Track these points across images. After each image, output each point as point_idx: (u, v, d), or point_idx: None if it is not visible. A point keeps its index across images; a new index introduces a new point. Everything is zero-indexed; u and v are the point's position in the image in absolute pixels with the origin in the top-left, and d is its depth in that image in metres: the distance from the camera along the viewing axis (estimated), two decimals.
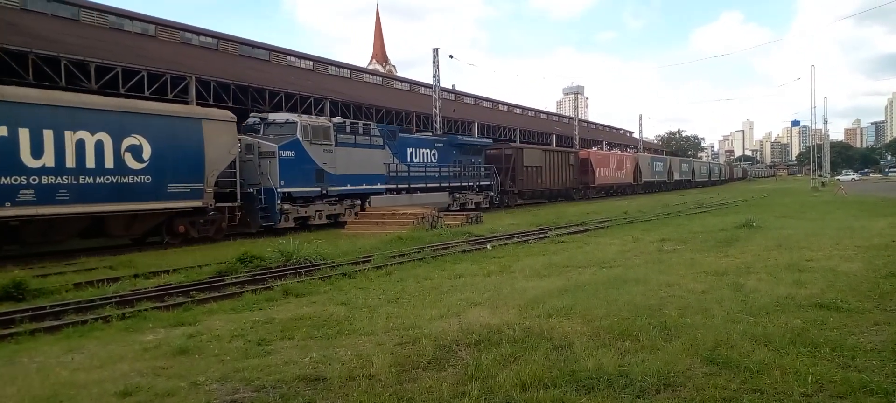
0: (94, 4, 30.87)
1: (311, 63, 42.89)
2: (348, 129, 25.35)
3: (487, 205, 35.55)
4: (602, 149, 65.70)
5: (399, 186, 28.21)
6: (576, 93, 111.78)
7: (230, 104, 27.43)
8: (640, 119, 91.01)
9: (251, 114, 24.00)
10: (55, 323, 8.86)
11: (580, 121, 68.27)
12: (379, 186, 26.86)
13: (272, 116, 23.54)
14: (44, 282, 11.83)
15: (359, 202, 25.72)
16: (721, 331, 6.79)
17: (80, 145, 16.72)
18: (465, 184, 33.67)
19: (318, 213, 23.99)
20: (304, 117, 23.82)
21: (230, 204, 20.57)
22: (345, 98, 36.31)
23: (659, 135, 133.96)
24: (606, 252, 14.78)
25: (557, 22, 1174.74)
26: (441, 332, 7.12)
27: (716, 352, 6.06)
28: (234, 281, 12.06)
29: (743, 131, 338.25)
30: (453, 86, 62.59)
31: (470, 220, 24.48)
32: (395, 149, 27.93)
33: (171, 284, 11.79)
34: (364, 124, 26.81)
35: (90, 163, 16.90)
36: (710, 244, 15.57)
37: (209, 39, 35.81)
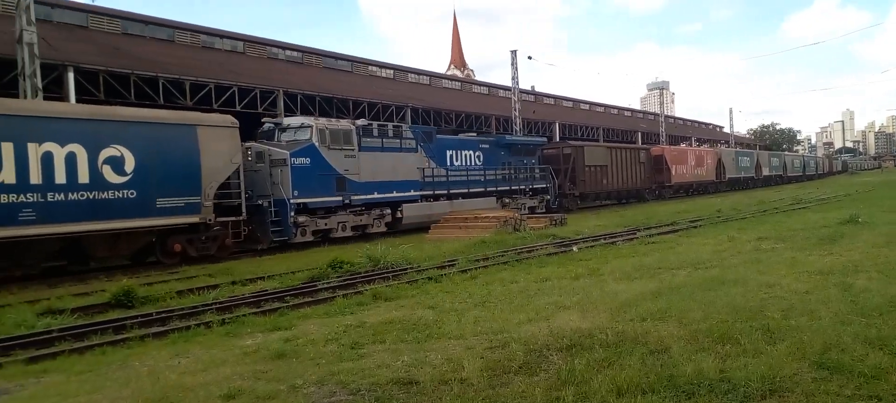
0: (187, 25, 32.54)
1: (392, 72, 43.61)
2: (375, 132, 23.45)
3: (543, 210, 32.30)
4: (691, 145, 63.55)
5: (436, 192, 25.72)
6: (661, 88, 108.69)
7: (316, 116, 28.17)
8: (731, 113, 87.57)
9: (264, 120, 22.31)
10: (162, 328, 9.37)
11: (666, 117, 66.27)
12: (412, 193, 24.55)
13: (287, 120, 21.91)
14: (150, 290, 12.49)
15: (389, 212, 23.72)
16: (830, 334, 6.40)
17: (47, 158, 14.99)
18: (516, 187, 30.64)
19: (341, 225, 21.99)
20: (322, 120, 22.23)
21: (234, 218, 18.61)
22: (425, 104, 36.71)
23: (751, 129, 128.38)
24: (700, 252, 14.25)
25: (638, 16, 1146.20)
26: (530, 336, 7.05)
27: (825, 356, 5.72)
28: (325, 286, 12.37)
29: (842, 122, 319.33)
30: (532, 87, 62.14)
31: (554, 223, 24.21)
32: (431, 151, 25.67)
33: (266, 290, 12.24)
34: (394, 126, 24.75)
35: (60, 178, 15.16)
36: (812, 241, 14.74)
37: (295, 54, 37.02)
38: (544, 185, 33.03)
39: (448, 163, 26.71)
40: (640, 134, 61.16)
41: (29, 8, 18.58)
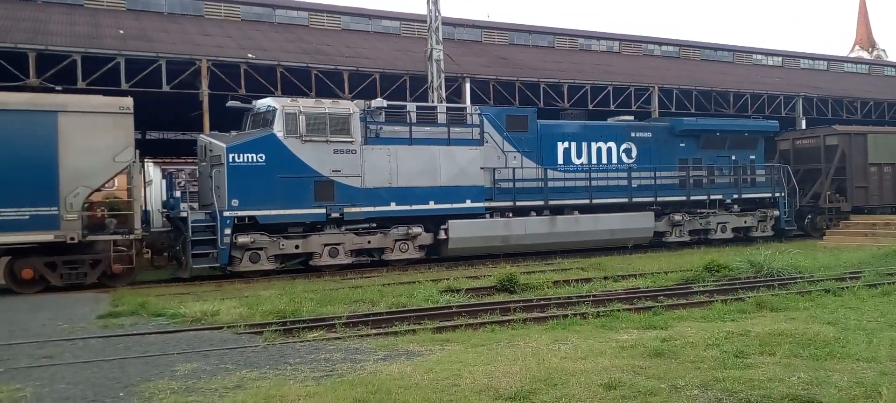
0: (566, 31, 34.22)
1: (780, 58, 39.50)
2: (411, 117, 17.09)
3: (768, 233, 21.94)
4: None
5: (519, 204, 17.99)
6: None
7: (692, 110, 27.07)
8: None
9: (230, 100, 16.91)
10: (541, 314, 10.01)
11: None
12: (468, 204, 17.39)
13: (257, 104, 16.43)
14: (529, 278, 13.49)
15: (420, 230, 16.96)
16: None
17: None
18: (702, 197, 20.79)
19: (329, 250, 16.06)
20: (302, 101, 16.35)
21: (120, 236, 14.13)
22: (820, 93, 32.36)
23: None
24: None
25: None
26: None
27: None
28: (701, 289, 11.91)
29: None
30: None
31: None
32: (522, 143, 18.34)
33: (639, 288, 12.26)
34: (451, 108, 18.24)
35: None
36: None
37: (671, 48, 36.10)
38: (767, 194, 22.17)
39: (559, 161, 18.93)
40: None
41: (438, 29, 21.61)
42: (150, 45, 20.07)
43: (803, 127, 29.20)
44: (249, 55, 20.90)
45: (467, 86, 23.79)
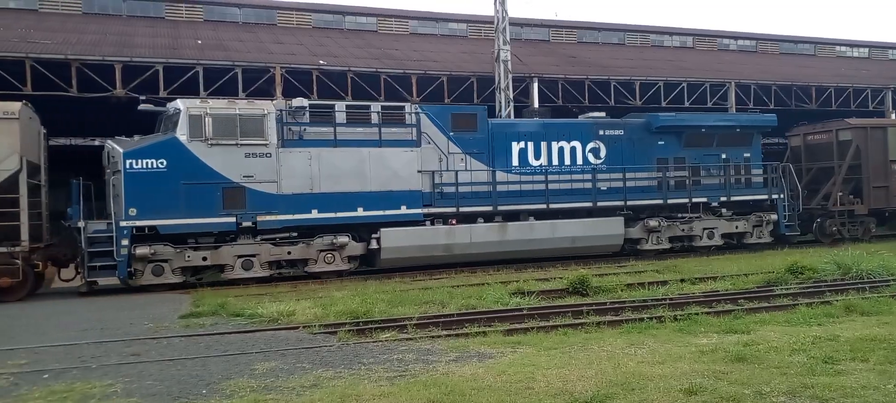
0: (637, 27, 33.50)
1: (866, 50, 37.55)
2: (340, 117, 15.83)
3: (768, 240, 19.70)
4: None
5: (462, 210, 16.56)
6: None
7: (772, 106, 26.00)
8: None
9: (141, 103, 15.44)
10: (615, 318, 9.82)
11: None
12: (404, 210, 16.10)
13: (168, 105, 15.30)
14: (601, 281, 13.25)
15: (347, 239, 15.69)
16: None
17: None
18: (685, 200, 18.80)
19: (242, 262, 14.93)
20: (213, 102, 15.25)
21: (5, 248, 13.11)
22: None
23: None
24: None
25: None
26: None
27: None
28: (784, 292, 11.48)
29: None
30: None
31: None
32: (472, 144, 16.97)
33: (718, 291, 11.92)
34: (385, 107, 16.72)
35: None
36: None
37: (747, 42, 34.88)
38: (765, 196, 19.86)
39: (513, 162, 17.41)
40: None
41: (505, 30, 21.53)
42: (226, 54, 20.81)
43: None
44: (321, 61, 21.37)
45: (535, 86, 23.58)
